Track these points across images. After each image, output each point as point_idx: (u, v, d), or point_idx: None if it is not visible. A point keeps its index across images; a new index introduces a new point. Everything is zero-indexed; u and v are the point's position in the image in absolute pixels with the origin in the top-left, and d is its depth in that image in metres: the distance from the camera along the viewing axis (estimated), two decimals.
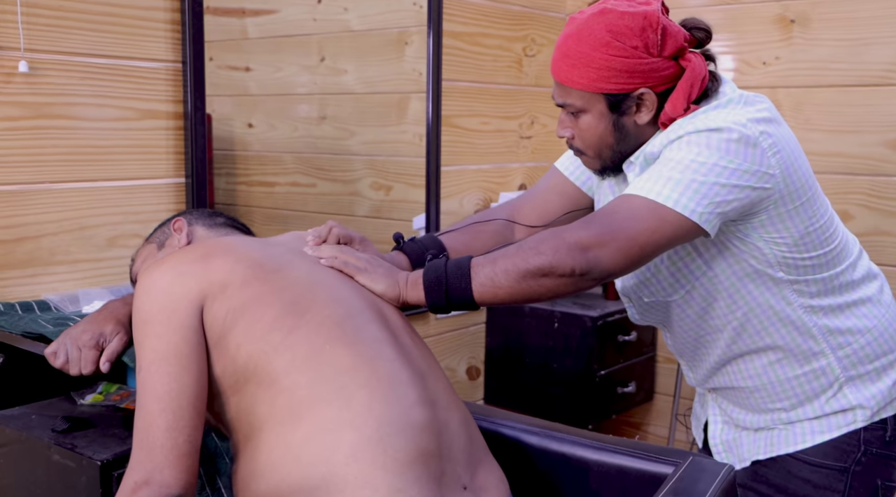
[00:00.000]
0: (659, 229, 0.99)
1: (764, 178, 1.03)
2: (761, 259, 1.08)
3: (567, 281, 0.97)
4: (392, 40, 1.94)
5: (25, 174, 1.30)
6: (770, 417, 1.18)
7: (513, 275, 0.98)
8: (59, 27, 1.31)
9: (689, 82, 1.08)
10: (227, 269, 0.94)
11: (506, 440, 1.15)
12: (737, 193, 1.01)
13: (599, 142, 1.12)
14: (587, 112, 1.10)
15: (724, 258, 1.10)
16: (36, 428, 1.09)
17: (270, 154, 1.94)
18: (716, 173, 1.00)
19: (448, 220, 2.01)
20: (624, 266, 0.99)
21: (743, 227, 1.07)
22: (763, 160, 1.02)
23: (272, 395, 0.90)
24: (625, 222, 0.99)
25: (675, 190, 0.99)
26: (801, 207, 1.07)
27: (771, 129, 1.05)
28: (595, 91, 1.08)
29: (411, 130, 1.94)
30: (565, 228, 1.00)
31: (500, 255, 1.00)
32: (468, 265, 1.01)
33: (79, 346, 1.06)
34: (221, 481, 1.09)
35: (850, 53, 1.91)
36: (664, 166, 1.02)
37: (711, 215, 1.00)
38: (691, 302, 1.14)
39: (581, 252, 0.96)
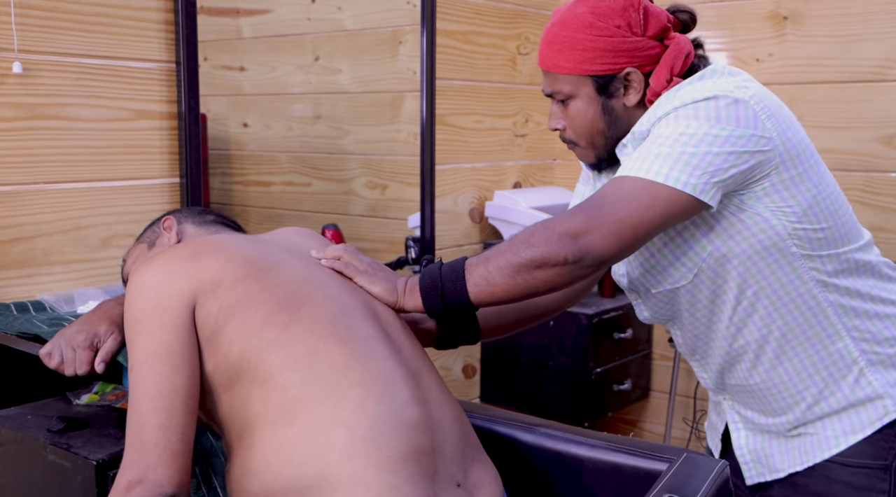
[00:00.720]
0: (651, 207, 0.95)
1: (760, 141, 0.99)
2: (771, 232, 1.04)
3: (561, 270, 0.96)
4: (386, 39, 1.94)
5: (20, 175, 1.30)
6: (793, 417, 1.11)
7: (506, 271, 0.97)
8: (53, 28, 1.31)
9: (672, 55, 1.07)
10: (219, 268, 0.94)
11: (501, 438, 1.15)
12: (733, 160, 0.98)
13: (591, 128, 1.10)
14: (576, 97, 1.09)
15: (731, 235, 1.05)
16: (32, 428, 1.09)
17: (265, 153, 1.94)
18: (707, 142, 0.97)
19: (443, 219, 2.01)
20: (618, 249, 0.96)
21: (747, 199, 1.03)
22: (757, 123, 0.99)
23: (265, 393, 0.89)
24: (614, 205, 0.96)
25: (664, 165, 0.96)
26: (805, 173, 1.04)
27: (760, 93, 1.03)
28: (581, 73, 1.07)
29: (406, 129, 1.94)
30: (555, 218, 0.99)
31: (492, 254, 0.99)
32: (462, 266, 1.00)
33: (73, 347, 1.05)
34: (217, 480, 1.09)
35: (842, 50, 1.91)
36: (653, 144, 0.99)
37: (708, 186, 0.96)
38: (700, 286, 1.09)
39: (572, 240, 0.95)
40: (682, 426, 2.22)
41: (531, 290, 0.98)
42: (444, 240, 2.02)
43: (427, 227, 1.91)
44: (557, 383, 2.02)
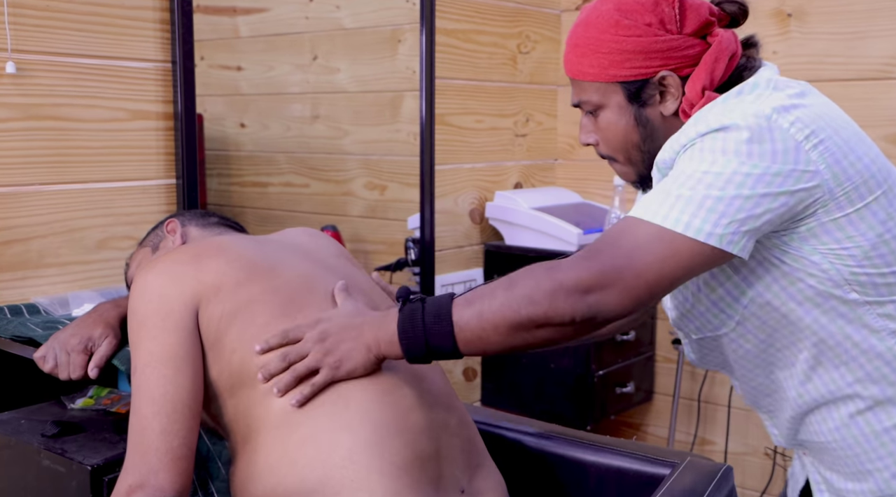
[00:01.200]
0: (670, 260, 0.83)
1: (803, 177, 0.85)
2: (822, 278, 0.88)
3: (567, 330, 0.84)
4: (385, 38, 1.93)
5: (14, 176, 1.28)
6: (875, 485, 0.97)
7: (503, 329, 0.83)
8: (47, 27, 1.30)
9: (712, 57, 0.91)
10: (219, 271, 0.93)
11: (503, 441, 1.14)
12: (767, 204, 0.83)
13: (624, 141, 0.97)
14: (605, 107, 0.96)
15: (775, 279, 0.90)
16: (25, 433, 1.08)
17: (263, 154, 1.93)
18: (736, 184, 0.83)
19: (443, 220, 1.99)
20: (632, 308, 0.84)
21: (790, 240, 0.88)
22: (798, 156, 0.84)
23: (268, 398, 0.89)
24: (630, 256, 0.83)
25: (685, 211, 0.83)
26: (868, 209, 0.88)
27: (807, 115, 0.87)
28: (608, 80, 0.94)
29: (405, 129, 1.93)
30: (560, 266, 0.84)
31: (486, 305, 0.84)
32: (449, 317, 0.85)
33: (67, 351, 1.05)
34: (214, 485, 1.08)
35: (847, 47, 1.90)
36: (674, 181, 0.86)
37: (736, 235, 0.83)
38: (747, 335, 0.95)
39: (581, 296, 0.82)
40: (686, 429, 2.20)
41: (528, 347, 0.86)
42: (445, 241, 2.01)
43: (427, 228, 1.90)
44: (559, 386, 2.00)
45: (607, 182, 2.18)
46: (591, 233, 1.97)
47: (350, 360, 0.88)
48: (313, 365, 0.88)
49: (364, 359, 0.89)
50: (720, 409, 2.14)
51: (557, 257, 0.88)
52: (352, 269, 1.09)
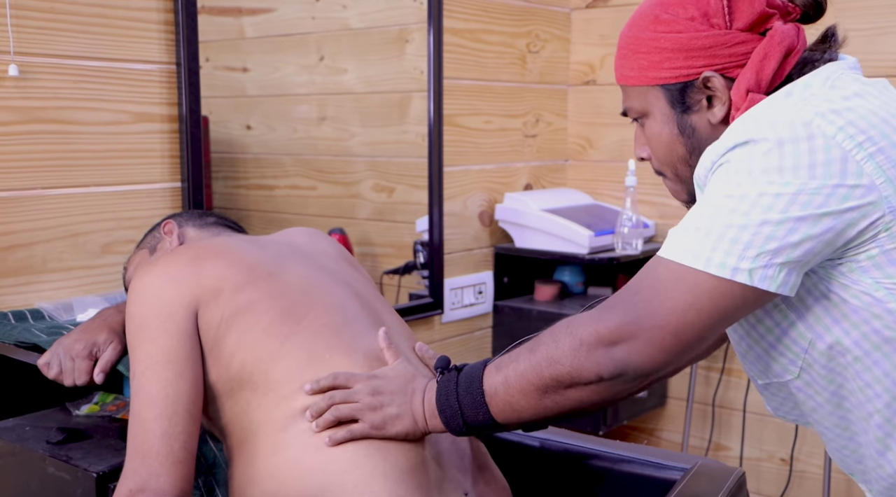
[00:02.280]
0: (695, 305, 0.72)
1: (853, 193, 0.71)
2: (889, 320, 0.75)
3: (598, 388, 0.76)
4: (392, 38, 1.92)
5: (17, 180, 1.28)
6: None
7: (532, 395, 0.78)
8: (50, 30, 1.29)
9: (761, 54, 0.79)
10: (219, 275, 0.93)
11: (512, 446, 1.14)
12: (807, 229, 0.71)
13: (669, 153, 0.86)
14: (649, 115, 0.86)
15: (836, 320, 0.77)
16: (30, 440, 1.08)
17: (269, 156, 1.92)
18: (763, 208, 0.71)
19: (452, 222, 1.98)
20: (664, 361, 0.74)
21: (848, 270, 0.75)
22: (846, 168, 0.71)
23: (268, 402, 0.89)
24: (651, 303, 0.73)
25: (704, 243, 0.72)
26: None
27: (863, 118, 0.73)
28: (649, 83, 0.84)
29: (413, 130, 1.91)
30: (579, 320, 0.78)
31: (511, 369, 0.80)
32: (481, 389, 0.81)
33: (72, 357, 1.04)
34: (220, 492, 1.07)
35: (866, 43, 1.86)
36: (696, 209, 0.76)
37: (770, 269, 0.71)
38: (814, 384, 0.83)
39: (604, 351, 0.74)
40: (701, 434, 2.17)
41: (567, 410, 0.80)
42: (453, 243, 1.99)
43: (435, 230, 1.88)
44: None
45: (619, 183, 2.16)
46: (603, 234, 1.95)
47: (394, 425, 0.86)
48: (357, 414, 0.86)
49: (411, 428, 0.86)
50: (735, 414, 2.10)
51: (569, 261, 0.83)
52: (352, 272, 1.08)
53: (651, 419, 2.28)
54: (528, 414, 0.80)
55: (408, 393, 0.87)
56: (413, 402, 0.87)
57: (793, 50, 0.81)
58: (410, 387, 0.88)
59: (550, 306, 2.00)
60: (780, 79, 0.80)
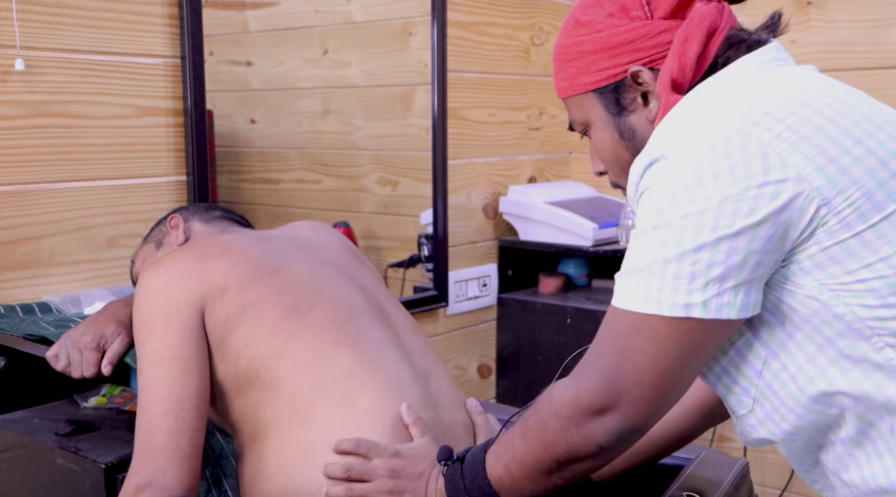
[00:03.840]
0: (662, 352, 0.66)
1: (784, 188, 0.64)
2: (840, 327, 0.66)
3: (603, 456, 0.72)
4: (396, 31, 1.92)
5: (23, 174, 1.28)
6: None
7: (538, 479, 0.75)
8: (56, 24, 1.29)
9: (681, 38, 0.73)
10: (225, 272, 0.93)
11: None
12: (745, 244, 0.63)
13: (617, 161, 0.81)
14: (591, 124, 0.82)
15: (789, 334, 0.69)
16: (39, 431, 1.08)
17: (274, 150, 1.92)
18: (693, 230, 0.64)
19: (456, 215, 1.98)
20: (655, 412, 0.70)
21: (790, 272, 0.67)
22: (769, 162, 0.63)
23: (276, 399, 0.90)
24: (621, 364, 0.68)
25: (649, 285, 0.66)
26: (890, 222, 0.65)
27: (783, 108, 0.66)
28: (581, 90, 0.79)
29: (417, 124, 1.91)
30: (561, 396, 0.72)
31: (509, 457, 0.77)
32: (487, 481, 0.78)
33: (80, 349, 1.05)
34: (227, 483, 1.07)
35: (869, 34, 1.85)
36: (631, 247, 0.70)
37: (724, 296, 0.64)
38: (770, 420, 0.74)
39: (594, 423, 0.70)
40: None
41: (578, 478, 0.76)
42: (458, 236, 1.99)
43: (440, 223, 1.88)
44: None
45: None
46: (607, 227, 1.95)
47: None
48: (371, 494, 0.83)
49: None
50: None
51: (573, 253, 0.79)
52: (357, 266, 1.08)
53: None
54: (541, 492, 0.77)
55: (424, 476, 0.84)
56: (429, 486, 0.83)
57: (716, 30, 0.74)
58: (430, 470, 0.84)
59: (555, 299, 2.01)
60: (708, 61, 0.74)
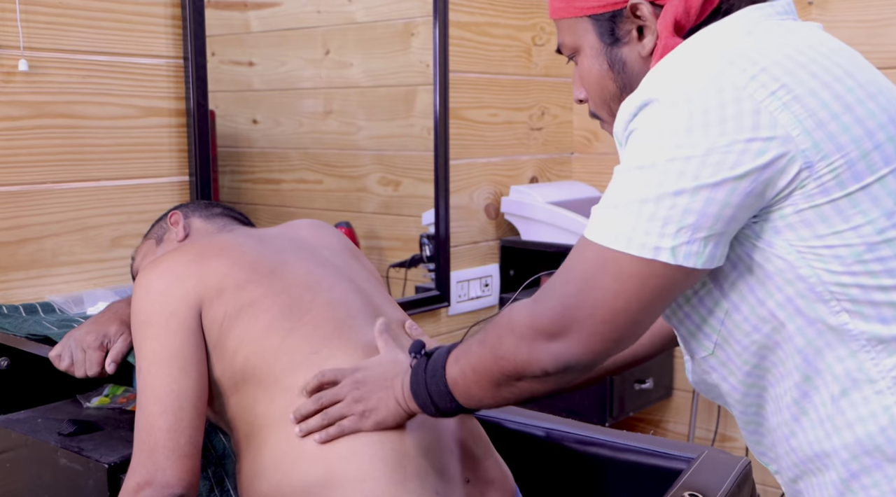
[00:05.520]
0: (623, 291, 0.66)
1: (770, 146, 0.63)
2: (802, 287, 0.66)
3: (547, 380, 0.72)
4: (398, 32, 1.92)
5: (27, 174, 1.28)
6: None
7: (487, 388, 0.76)
8: (59, 24, 1.29)
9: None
10: (222, 273, 0.94)
11: (519, 436, 1.14)
12: (724, 196, 0.63)
13: (602, 92, 0.79)
14: (581, 51, 0.79)
15: (751, 288, 0.69)
16: (42, 431, 1.09)
17: (276, 150, 1.92)
18: (675, 176, 0.63)
19: (458, 215, 1.98)
20: (604, 350, 0.69)
21: (761, 229, 0.67)
22: (759, 120, 0.63)
23: (271, 396, 0.90)
24: (580, 293, 0.67)
25: (623, 223, 0.65)
26: (866, 193, 0.64)
27: (780, 65, 0.65)
28: (576, 14, 0.77)
29: (419, 124, 1.91)
30: (518, 313, 0.72)
31: (466, 362, 0.78)
32: (444, 380, 0.80)
33: (83, 348, 1.05)
34: (229, 482, 1.07)
35: (871, 35, 1.85)
36: (613, 182, 0.69)
37: (693, 244, 0.64)
38: (729, 363, 0.75)
39: (544, 347, 0.69)
40: (707, 426, 2.17)
41: (524, 398, 0.77)
42: (460, 236, 1.99)
43: (442, 223, 1.88)
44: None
45: None
46: None
47: (378, 412, 0.86)
48: (344, 412, 0.87)
49: (394, 412, 0.86)
50: None
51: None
52: (355, 265, 1.09)
53: (657, 411, 2.28)
54: (489, 402, 0.79)
55: (390, 378, 0.87)
56: (395, 386, 0.86)
57: None
58: (392, 372, 0.88)
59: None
60: (711, 5, 0.72)
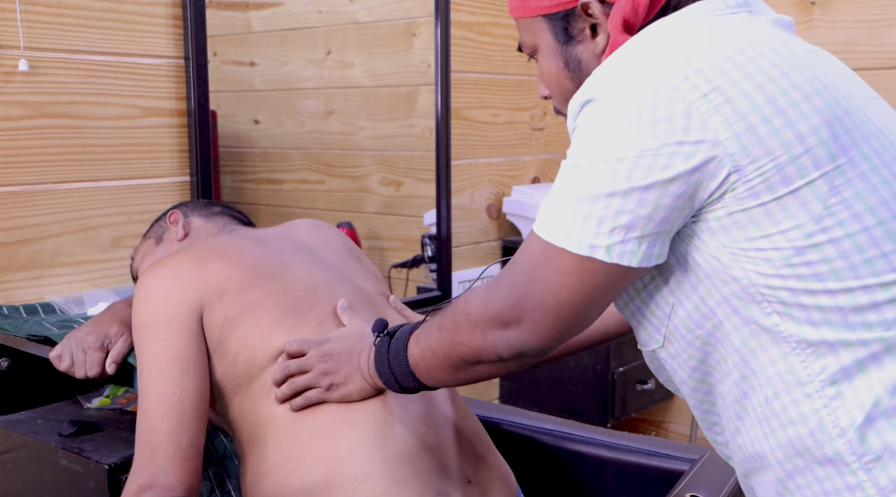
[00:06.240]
0: (565, 285, 0.67)
1: (699, 149, 0.63)
2: (736, 288, 0.67)
3: (502, 365, 0.74)
4: (399, 32, 1.92)
5: (27, 175, 1.28)
6: None
7: (446, 370, 0.79)
8: (59, 24, 1.29)
9: None
10: (223, 276, 0.94)
11: (521, 438, 1.14)
12: (655, 198, 0.64)
13: (560, 89, 0.80)
14: (539, 50, 0.80)
15: (693, 286, 0.70)
16: (43, 432, 1.08)
17: (277, 150, 1.92)
18: (608, 177, 0.64)
19: (460, 216, 1.97)
20: (554, 339, 0.70)
21: (700, 230, 0.67)
22: (689, 122, 0.63)
23: (272, 398, 0.91)
24: (528, 284, 0.69)
25: (563, 219, 0.67)
26: (795, 196, 0.63)
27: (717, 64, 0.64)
28: (531, 14, 0.78)
29: (420, 124, 1.91)
30: (475, 300, 0.74)
31: (425, 344, 0.80)
32: (406, 360, 0.82)
33: (84, 349, 1.05)
34: (231, 483, 1.07)
35: (873, 35, 1.85)
36: (558, 178, 0.70)
37: (628, 244, 0.65)
38: (678, 357, 0.75)
39: (498, 334, 0.71)
40: None
41: (483, 379, 0.79)
42: (461, 237, 1.99)
43: (443, 224, 1.88)
44: (579, 383, 1.98)
45: None
46: None
47: (345, 385, 0.89)
48: (312, 383, 0.89)
49: (360, 387, 0.89)
50: None
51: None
52: (355, 265, 1.09)
53: (659, 412, 2.27)
54: (451, 383, 0.81)
55: (355, 352, 0.89)
56: (361, 361, 0.88)
57: None
58: (359, 347, 0.90)
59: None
60: (660, 2, 0.72)
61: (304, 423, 0.89)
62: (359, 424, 0.88)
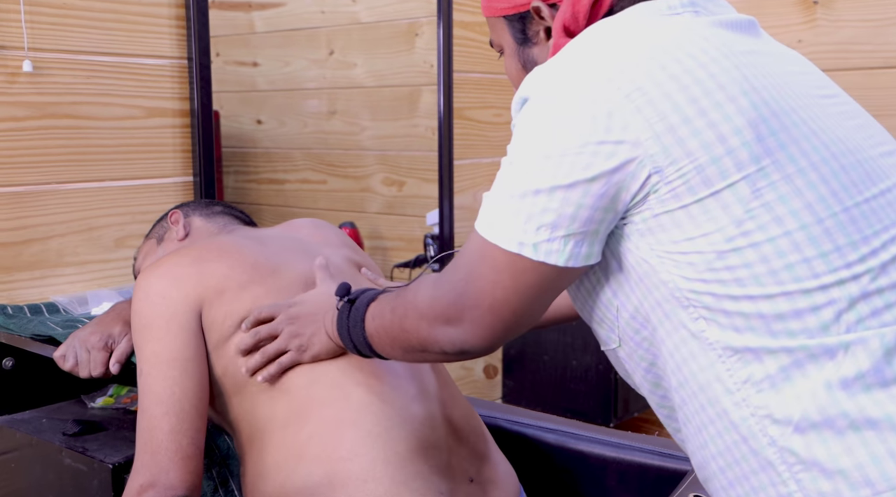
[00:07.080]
0: (500, 282, 0.66)
1: (620, 149, 0.62)
2: (665, 292, 0.65)
3: (447, 358, 0.74)
4: (402, 32, 1.92)
5: (31, 175, 1.28)
6: None
7: (397, 350, 0.79)
8: (63, 25, 1.30)
9: None
10: (223, 275, 0.94)
11: (523, 438, 1.14)
12: (578, 197, 0.63)
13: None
14: (503, 49, 0.82)
15: (632, 287, 0.68)
16: (47, 431, 1.09)
17: (280, 150, 1.92)
18: (534, 175, 0.64)
19: (462, 215, 1.97)
20: (495, 337, 0.69)
21: (630, 231, 0.66)
22: (612, 122, 0.62)
23: (272, 398, 0.91)
24: (467, 282, 0.68)
25: (496, 215, 0.66)
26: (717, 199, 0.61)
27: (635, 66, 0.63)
28: (494, 14, 0.79)
29: (423, 124, 1.91)
30: (423, 293, 0.74)
31: (379, 322, 0.80)
32: (364, 332, 0.82)
33: (87, 348, 1.05)
34: (234, 483, 1.07)
35: (875, 34, 1.85)
36: (497, 176, 0.70)
37: (554, 242, 0.64)
38: (633, 356, 0.73)
39: (441, 329, 0.71)
40: None
41: (432, 361, 0.81)
42: (464, 236, 1.99)
43: (446, 223, 1.88)
44: (581, 383, 1.98)
45: None
46: None
47: (314, 345, 0.90)
48: (282, 347, 0.90)
49: (327, 346, 0.90)
50: None
51: None
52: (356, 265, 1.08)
53: None
54: (404, 361, 0.82)
55: (321, 314, 0.90)
56: (326, 321, 0.90)
57: None
58: (325, 307, 0.91)
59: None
60: (604, 8, 0.72)
61: (305, 423, 0.88)
62: (360, 424, 0.87)
